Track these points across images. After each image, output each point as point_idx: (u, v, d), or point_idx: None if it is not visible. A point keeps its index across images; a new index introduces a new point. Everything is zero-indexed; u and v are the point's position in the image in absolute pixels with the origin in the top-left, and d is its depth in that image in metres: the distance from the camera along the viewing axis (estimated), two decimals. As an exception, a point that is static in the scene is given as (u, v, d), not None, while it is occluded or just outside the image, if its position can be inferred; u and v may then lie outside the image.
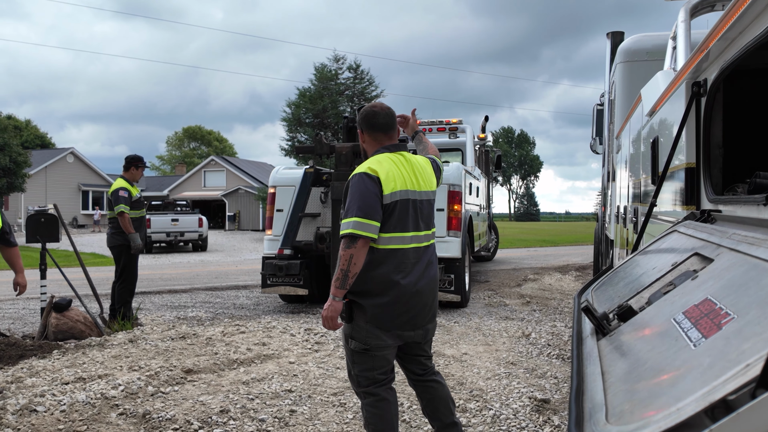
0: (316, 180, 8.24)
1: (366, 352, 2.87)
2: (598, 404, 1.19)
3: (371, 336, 2.84)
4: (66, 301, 6.35)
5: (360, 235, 2.69)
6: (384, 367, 2.94)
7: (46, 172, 39.41)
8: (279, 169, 8.75)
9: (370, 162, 2.88)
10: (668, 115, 3.39)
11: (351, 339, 2.88)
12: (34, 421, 3.75)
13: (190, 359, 5.24)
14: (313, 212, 8.18)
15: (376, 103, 3.08)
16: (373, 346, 2.85)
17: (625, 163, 6.08)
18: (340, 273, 2.71)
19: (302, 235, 8.09)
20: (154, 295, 10.34)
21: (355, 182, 2.80)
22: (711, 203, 2.50)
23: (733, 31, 2.16)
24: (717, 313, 1.17)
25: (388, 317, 2.82)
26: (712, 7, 4.67)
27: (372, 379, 2.92)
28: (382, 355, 2.90)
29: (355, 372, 2.94)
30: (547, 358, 5.60)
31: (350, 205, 2.75)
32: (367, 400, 2.94)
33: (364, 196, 2.75)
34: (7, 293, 10.78)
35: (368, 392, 2.93)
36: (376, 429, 2.92)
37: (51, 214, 6.77)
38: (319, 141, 7.92)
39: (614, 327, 1.65)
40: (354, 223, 2.70)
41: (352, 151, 7.64)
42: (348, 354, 2.96)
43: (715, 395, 0.85)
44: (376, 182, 2.79)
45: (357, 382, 2.96)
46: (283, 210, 8.29)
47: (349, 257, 2.69)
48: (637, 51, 6.94)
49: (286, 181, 8.41)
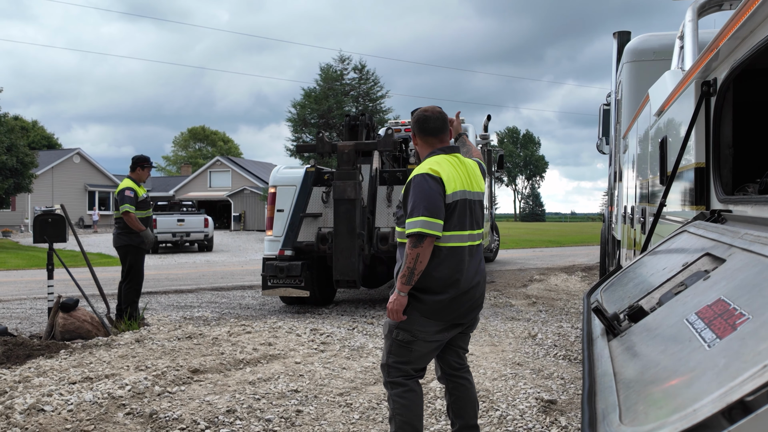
0: (318, 179, 8.12)
1: (408, 345, 2.96)
2: (611, 405, 1.18)
3: (421, 329, 2.93)
4: (73, 301, 6.37)
5: (427, 233, 2.78)
6: (420, 364, 3.04)
7: (53, 173, 39.56)
8: (279, 168, 8.55)
9: (430, 163, 2.95)
10: (677, 115, 3.37)
11: (398, 330, 2.95)
12: (42, 420, 3.76)
13: (197, 359, 5.24)
14: (314, 212, 8.01)
15: (428, 108, 3.16)
16: (420, 338, 2.94)
17: (632, 163, 6.05)
18: (406, 270, 2.81)
19: (303, 236, 7.95)
20: (161, 295, 10.36)
21: (418, 182, 2.87)
22: (721, 203, 2.48)
23: (744, 30, 2.14)
24: (731, 313, 1.16)
25: (446, 312, 2.93)
26: (719, 6, 4.65)
27: (403, 372, 3.01)
28: (424, 351, 2.99)
29: (389, 362, 3.01)
30: (554, 358, 5.58)
31: (416, 205, 2.82)
32: (395, 390, 3.00)
33: (429, 196, 2.83)
34: (15, 293, 10.83)
35: (396, 382, 3.01)
36: (403, 420, 2.97)
37: (58, 214, 6.80)
38: (320, 139, 7.80)
39: (625, 327, 1.63)
40: (422, 222, 2.78)
41: (354, 149, 7.50)
42: (387, 344, 3.04)
43: (732, 396, 0.84)
44: (438, 182, 2.87)
45: (388, 372, 3.03)
46: (283, 210, 8.11)
47: (416, 256, 2.79)
48: (644, 50, 6.91)
49: (286, 180, 8.24)
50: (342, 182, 7.36)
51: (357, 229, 7.31)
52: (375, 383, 4.69)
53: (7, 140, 25.88)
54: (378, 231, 7.74)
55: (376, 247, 7.67)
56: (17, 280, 13.18)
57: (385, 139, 7.78)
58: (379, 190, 7.98)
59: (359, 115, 8.48)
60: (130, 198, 6.94)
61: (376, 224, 7.81)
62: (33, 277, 13.71)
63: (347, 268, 7.34)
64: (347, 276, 7.36)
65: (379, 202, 7.92)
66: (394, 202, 7.75)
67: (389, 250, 7.60)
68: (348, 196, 7.31)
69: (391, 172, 8.13)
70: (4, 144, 25.61)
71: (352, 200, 7.32)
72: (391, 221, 7.71)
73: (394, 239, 7.45)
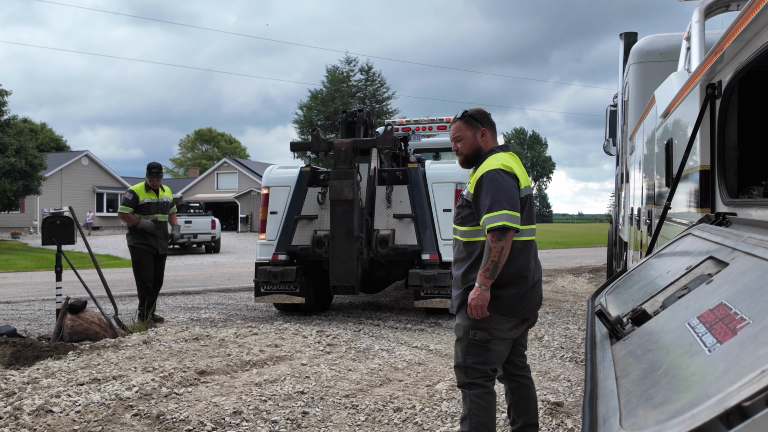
0: (313, 179, 7.64)
1: (485, 344, 2.98)
2: (612, 409, 1.18)
3: (497, 327, 2.96)
4: (81, 303, 6.41)
5: (511, 227, 2.82)
6: (496, 362, 3.07)
7: (61, 175, 39.80)
8: (273, 168, 8.04)
9: (499, 159, 3.01)
10: (682, 117, 3.36)
11: (474, 330, 2.97)
12: (50, 421, 3.79)
13: (204, 360, 5.27)
14: (309, 214, 7.52)
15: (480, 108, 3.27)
16: (497, 336, 2.98)
17: (638, 164, 6.04)
18: (490, 264, 2.83)
19: (298, 239, 7.47)
20: (168, 296, 10.41)
21: (493, 177, 2.91)
22: (726, 206, 2.48)
23: (749, 33, 2.14)
24: (732, 318, 1.16)
25: (519, 307, 2.98)
26: (726, 7, 4.63)
27: (483, 373, 3.02)
28: (500, 350, 3.03)
29: (468, 363, 3.01)
30: (560, 360, 5.57)
31: (497, 199, 2.85)
32: (475, 392, 3.01)
33: (508, 191, 2.89)
34: (24, 295, 10.91)
35: (476, 383, 3.01)
36: (480, 421, 2.98)
37: (66, 216, 6.86)
38: (316, 137, 7.31)
39: (628, 331, 1.64)
40: (506, 216, 2.82)
41: (351, 147, 7.09)
42: (463, 345, 3.03)
43: (730, 401, 0.84)
44: (513, 177, 2.96)
45: (466, 372, 3.02)
46: (277, 212, 7.65)
47: (500, 249, 2.82)
48: (651, 52, 6.90)
49: (280, 180, 7.77)
50: (339, 182, 6.89)
51: (355, 232, 6.88)
52: (381, 385, 4.70)
53: (16, 142, 26.07)
54: (377, 233, 7.31)
55: (375, 250, 7.26)
56: (26, 282, 13.27)
57: (384, 136, 7.30)
58: (378, 190, 7.56)
59: (357, 111, 8.02)
60: (126, 200, 7.54)
61: (375, 226, 7.41)
62: (41, 278, 13.80)
63: (345, 273, 6.90)
64: (345, 281, 6.92)
65: (378, 203, 7.51)
66: (394, 203, 7.42)
67: (389, 253, 7.23)
68: (345, 196, 6.86)
69: (390, 172, 7.65)
70: (13, 146, 25.80)
71: (350, 201, 6.87)
72: (391, 223, 7.36)
73: (394, 242, 7.15)
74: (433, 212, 7.28)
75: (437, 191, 7.33)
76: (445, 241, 7.12)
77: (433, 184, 7.36)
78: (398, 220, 7.35)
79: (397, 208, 7.41)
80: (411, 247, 7.21)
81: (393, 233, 7.27)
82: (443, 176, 7.39)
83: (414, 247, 7.21)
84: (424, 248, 7.16)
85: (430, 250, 7.14)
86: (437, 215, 7.26)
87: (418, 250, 7.18)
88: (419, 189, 7.34)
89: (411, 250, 7.22)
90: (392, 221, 7.38)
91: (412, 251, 7.23)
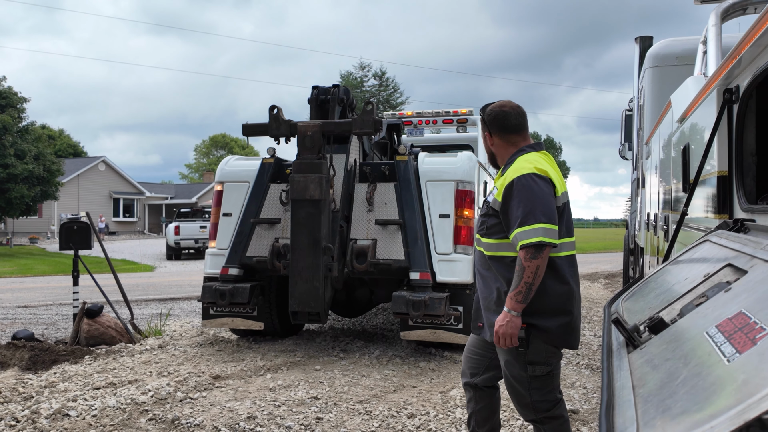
0: (277, 174, 6.06)
1: (548, 375, 2.64)
2: (629, 419, 1.17)
3: (552, 355, 2.64)
4: (97, 308, 6.48)
5: (548, 242, 2.45)
6: (559, 383, 2.77)
7: (79, 180, 40.32)
8: (230, 159, 6.44)
9: (531, 161, 2.61)
10: (699, 122, 3.33)
11: (531, 365, 2.60)
12: (67, 425, 3.83)
13: (218, 365, 5.29)
14: (270, 217, 5.88)
15: (503, 102, 2.80)
16: (555, 364, 2.67)
17: (655, 169, 5.98)
18: (523, 286, 2.46)
19: (254, 249, 5.81)
20: (183, 301, 10.48)
21: (526, 184, 2.52)
22: (744, 212, 2.45)
23: (766, 37, 2.12)
24: (751, 327, 1.14)
25: (573, 336, 2.65)
26: (744, 10, 4.59)
27: (552, 401, 2.70)
28: (558, 372, 2.72)
29: (535, 398, 2.66)
30: (576, 367, 5.52)
31: (531, 210, 2.47)
32: (550, 425, 2.70)
33: (544, 199, 2.50)
34: (42, 299, 11.04)
35: (551, 416, 2.69)
36: None
37: (84, 222, 6.94)
38: (275, 117, 5.53)
39: (645, 339, 1.62)
40: (543, 230, 2.44)
41: (320, 131, 5.38)
42: (522, 381, 2.65)
43: (750, 414, 0.83)
44: (549, 183, 2.56)
45: (535, 408, 2.68)
46: (231, 214, 6.08)
47: (536, 269, 2.44)
48: (667, 56, 6.85)
49: (236, 175, 6.19)
50: (302, 176, 5.21)
51: (322, 242, 5.21)
52: (395, 391, 4.68)
53: (34, 149, 26.46)
54: (354, 244, 5.60)
55: (350, 265, 5.54)
56: (44, 286, 13.44)
57: (362, 117, 5.43)
58: (358, 188, 5.85)
59: (331, 87, 6.08)
60: None
61: (351, 235, 5.69)
62: (59, 283, 13.96)
63: (307, 295, 5.20)
64: (308, 306, 5.22)
65: (356, 206, 5.78)
66: (377, 205, 5.72)
67: (368, 270, 5.51)
68: (310, 195, 5.19)
69: (374, 166, 5.94)
70: (32, 153, 26.19)
71: (316, 201, 5.19)
72: (372, 231, 5.65)
73: (375, 256, 5.48)
74: (427, 218, 5.62)
75: (433, 192, 5.68)
76: (441, 255, 5.54)
77: (428, 182, 5.71)
78: (381, 227, 5.65)
79: (380, 212, 5.70)
80: (396, 262, 5.50)
81: (374, 244, 5.57)
82: (441, 173, 5.74)
83: (400, 262, 5.50)
84: (412, 264, 5.46)
85: (420, 267, 5.44)
86: (432, 222, 5.61)
87: (406, 266, 5.48)
88: (409, 188, 5.68)
89: (396, 266, 5.50)
90: (374, 229, 5.68)
91: (398, 268, 5.51)
